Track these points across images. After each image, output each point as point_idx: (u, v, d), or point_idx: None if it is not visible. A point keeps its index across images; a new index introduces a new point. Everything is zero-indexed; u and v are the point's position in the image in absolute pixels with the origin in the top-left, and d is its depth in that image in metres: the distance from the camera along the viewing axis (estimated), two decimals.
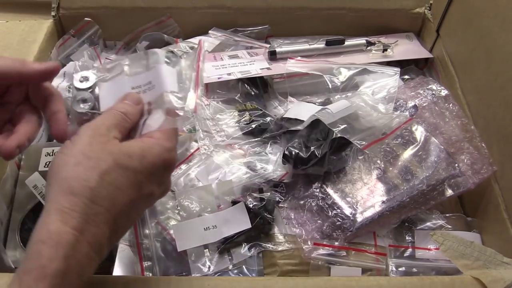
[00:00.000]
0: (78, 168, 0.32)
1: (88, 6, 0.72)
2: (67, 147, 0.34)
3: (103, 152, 0.33)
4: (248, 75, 0.65)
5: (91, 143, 0.33)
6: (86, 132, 0.34)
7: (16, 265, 0.50)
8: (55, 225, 0.30)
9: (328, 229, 0.52)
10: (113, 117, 0.36)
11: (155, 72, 0.40)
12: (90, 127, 0.35)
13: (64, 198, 0.31)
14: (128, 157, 0.33)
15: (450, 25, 0.67)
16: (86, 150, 0.33)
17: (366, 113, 0.57)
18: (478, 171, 0.53)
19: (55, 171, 0.33)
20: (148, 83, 0.40)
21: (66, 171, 0.32)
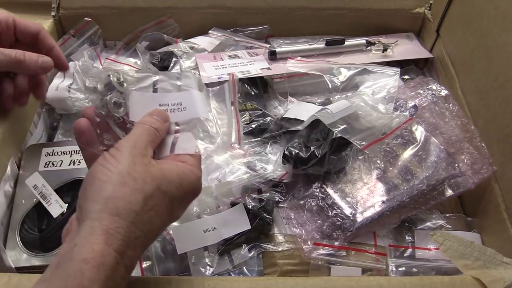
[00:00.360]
0: (124, 189, 0.32)
1: (88, 6, 0.72)
2: (109, 162, 0.33)
3: (148, 175, 0.33)
4: (248, 75, 0.65)
5: (135, 163, 0.33)
6: (127, 148, 0.34)
7: (16, 265, 0.50)
8: (100, 246, 0.29)
9: (328, 229, 0.52)
10: (148, 133, 0.36)
11: (187, 96, 0.40)
12: (130, 143, 0.35)
13: (109, 218, 0.30)
14: (168, 183, 0.34)
15: (450, 25, 0.67)
16: (131, 170, 0.33)
17: (366, 113, 0.57)
18: (478, 171, 0.53)
19: (97, 187, 0.32)
20: (178, 104, 0.40)
21: (112, 190, 0.32)
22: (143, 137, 0.36)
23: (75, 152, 0.58)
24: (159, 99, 0.40)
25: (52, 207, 0.53)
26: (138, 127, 0.37)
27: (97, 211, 0.31)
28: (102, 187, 0.32)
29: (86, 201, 0.32)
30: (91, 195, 0.32)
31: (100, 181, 0.32)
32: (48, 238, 0.52)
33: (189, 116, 0.39)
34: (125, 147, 0.34)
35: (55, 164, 0.57)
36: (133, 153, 0.34)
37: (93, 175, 0.33)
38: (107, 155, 0.34)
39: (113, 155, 0.34)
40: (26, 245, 0.52)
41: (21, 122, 0.60)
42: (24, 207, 0.54)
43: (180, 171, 0.35)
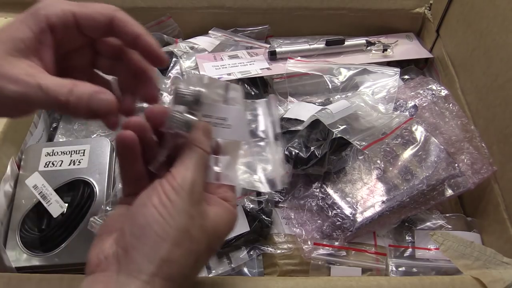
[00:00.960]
0: (180, 251, 0.29)
1: None
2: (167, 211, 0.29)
3: (203, 235, 0.30)
4: (248, 75, 0.65)
5: (193, 217, 0.30)
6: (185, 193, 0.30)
7: (16, 265, 0.50)
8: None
9: (328, 229, 0.52)
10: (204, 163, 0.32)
11: (235, 112, 0.35)
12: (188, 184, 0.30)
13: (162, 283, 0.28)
14: (217, 239, 0.32)
15: (450, 25, 0.67)
16: (189, 226, 0.29)
17: (366, 113, 0.57)
18: (478, 171, 0.53)
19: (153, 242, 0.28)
20: (222, 119, 0.35)
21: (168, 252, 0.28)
22: (201, 173, 0.32)
23: (75, 152, 0.58)
24: (204, 109, 0.35)
25: (52, 207, 0.53)
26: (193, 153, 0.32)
27: (150, 274, 0.28)
28: (158, 245, 0.28)
29: (138, 252, 0.28)
30: (144, 249, 0.28)
31: (156, 235, 0.28)
32: (48, 238, 0.52)
33: (232, 137, 0.35)
34: (183, 190, 0.30)
35: (55, 164, 0.57)
36: (192, 200, 0.30)
37: (147, 221, 0.29)
38: (164, 197, 0.29)
39: (171, 199, 0.29)
40: (26, 245, 0.52)
41: (21, 122, 0.60)
42: (24, 207, 0.54)
43: (226, 220, 0.32)
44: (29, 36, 0.31)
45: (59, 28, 0.33)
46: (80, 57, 0.36)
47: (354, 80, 0.66)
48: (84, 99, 0.31)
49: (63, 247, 0.51)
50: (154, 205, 0.29)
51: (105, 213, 0.52)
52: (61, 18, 0.32)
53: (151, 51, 0.35)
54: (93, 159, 0.57)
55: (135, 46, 0.35)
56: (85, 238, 0.51)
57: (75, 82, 0.31)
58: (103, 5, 0.33)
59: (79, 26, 0.33)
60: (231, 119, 0.35)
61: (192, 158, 0.32)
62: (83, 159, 0.57)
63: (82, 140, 0.63)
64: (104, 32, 0.34)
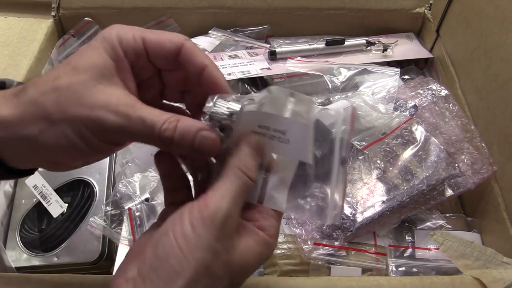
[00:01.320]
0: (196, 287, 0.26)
1: (88, 6, 0.72)
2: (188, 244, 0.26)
3: (226, 270, 0.27)
4: (248, 75, 0.65)
5: (217, 254, 0.27)
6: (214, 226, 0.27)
7: (16, 265, 0.50)
8: None
9: (328, 229, 0.52)
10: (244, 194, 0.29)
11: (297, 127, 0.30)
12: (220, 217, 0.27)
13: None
14: (243, 274, 0.29)
15: (450, 25, 0.67)
16: (211, 263, 0.27)
17: (366, 113, 0.57)
18: (478, 171, 0.53)
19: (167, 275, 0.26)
20: (281, 132, 0.30)
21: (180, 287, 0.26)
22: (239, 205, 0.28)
23: None
24: (260, 119, 0.30)
25: (52, 207, 0.53)
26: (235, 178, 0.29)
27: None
28: (173, 280, 0.26)
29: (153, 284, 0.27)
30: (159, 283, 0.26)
31: (172, 270, 0.26)
32: (48, 238, 0.52)
33: (290, 154, 0.31)
34: (212, 223, 0.27)
35: None
36: (220, 235, 0.27)
37: (166, 252, 0.27)
38: (187, 225, 0.27)
39: (196, 231, 0.27)
40: (26, 245, 0.52)
41: None
42: (24, 207, 0.54)
43: (257, 253, 0.29)
44: (111, 63, 0.29)
45: (131, 55, 0.30)
46: (150, 88, 0.34)
47: (354, 80, 0.66)
48: (189, 137, 0.28)
49: (63, 247, 0.51)
50: (175, 236, 0.27)
51: (105, 213, 0.52)
52: (132, 44, 0.30)
53: (217, 84, 0.31)
54: None
55: (200, 76, 0.32)
56: (85, 238, 0.51)
57: (178, 117, 0.28)
58: (172, 33, 0.31)
59: (148, 54, 0.31)
60: (290, 134, 0.30)
61: (233, 185, 0.28)
62: None
63: None
64: (171, 61, 0.32)
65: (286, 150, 0.30)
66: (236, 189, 0.28)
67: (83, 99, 0.28)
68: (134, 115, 0.28)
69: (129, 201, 0.54)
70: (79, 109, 0.28)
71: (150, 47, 0.31)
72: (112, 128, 0.28)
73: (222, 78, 0.32)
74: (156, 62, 0.32)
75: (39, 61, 0.65)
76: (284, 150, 0.30)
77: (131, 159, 0.58)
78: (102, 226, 0.51)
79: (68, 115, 0.28)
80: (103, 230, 0.51)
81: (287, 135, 0.30)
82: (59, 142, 0.28)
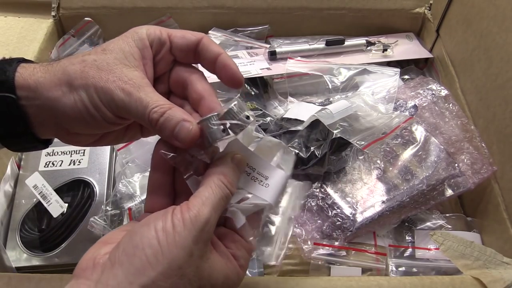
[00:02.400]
0: (164, 283, 0.27)
1: (88, 6, 0.72)
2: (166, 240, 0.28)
3: (196, 277, 0.28)
4: (248, 75, 0.65)
5: (191, 255, 0.28)
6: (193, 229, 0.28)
7: (16, 265, 0.50)
8: None
9: (328, 229, 0.52)
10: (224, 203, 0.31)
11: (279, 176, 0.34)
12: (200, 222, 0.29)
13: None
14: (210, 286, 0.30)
15: (450, 25, 0.67)
16: (184, 264, 0.28)
17: (366, 113, 0.57)
18: (478, 171, 0.53)
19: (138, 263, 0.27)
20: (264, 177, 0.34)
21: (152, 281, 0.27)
22: (217, 214, 0.30)
23: (75, 152, 0.58)
24: (249, 158, 0.34)
25: (52, 207, 0.54)
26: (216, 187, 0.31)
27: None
28: (145, 270, 0.27)
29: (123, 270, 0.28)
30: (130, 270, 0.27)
31: (146, 260, 0.27)
32: (48, 238, 0.52)
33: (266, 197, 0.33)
34: (192, 225, 0.28)
35: (55, 164, 0.57)
36: (198, 238, 0.28)
37: (143, 242, 0.28)
38: (169, 222, 0.28)
39: (176, 230, 0.28)
40: (26, 245, 0.52)
41: None
42: (24, 207, 0.54)
43: (227, 274, 0.31)
44: (136, 50, 0.34)
45: (156, 46, 0.35)
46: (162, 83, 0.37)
47: (354, 80, 0.66)
48: (172, 123, 0.31)
49: (63, 247, 0.51)
50: (155, 229, 0.28)
51: (105, 213, 0.52)
52: (158, 35, 0.35)
53: (229, 69, 0.35)
54: (93, 159, 0.57)
55: (215, 63, 0.35)
56: (85, 238, 0.51)
57: (172, 105, 0.32)
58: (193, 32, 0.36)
59: (172, 45, 0.35)
60: (271, 180, 0.34)
61: (215, 195, 0.30)
62: (83, 159, 0.57)
63: None
64: (191, 52, 0.36)
65: (264, 193, 0.33)
66: (217, 199, 0.30)
67: (102, 72, 0.32)
68: (136, 95, 0.32)
69: (129, 201, 0.54)
70: (96, 79, 0.32)
71: (175, 39, 0.35)
72: (117, 101, 0.32)
73: (233, 63, 0.35)
74: (177, 53, 0.36)
75: (39, 61, 0.64)
76: (262, 193, 0.33)
77: (131, 159, 0.58)
78: (102, 226, 0.51)
79: (86, 82, 0.32)
80: (103, 230, 0.51)
81: (268, 180, 0.34)
82: (75, 106, 0.32)
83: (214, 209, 0.30)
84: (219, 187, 0.31)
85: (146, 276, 0.27)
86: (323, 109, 0.56)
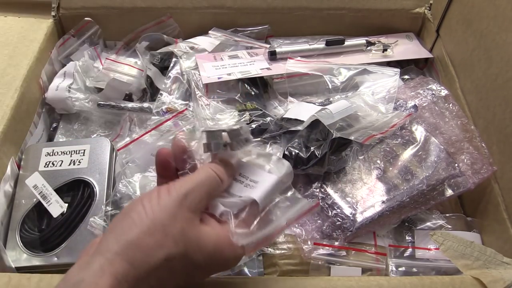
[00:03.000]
0: (149, 240, 0.30)
1: (88, 6, 0.72)
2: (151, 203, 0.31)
3: (181, 237, 0.31)
4: (248, 75, 0.65)
5: (175, 217, 0.31)
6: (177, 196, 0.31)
7: (16, 265, 0.50)
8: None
9: (328, 229, 0.52)
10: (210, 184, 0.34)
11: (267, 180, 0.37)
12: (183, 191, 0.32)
13: (122, 264, 0.29)
14: (198, 251, 0.32)
15: (450, 25, 0.67)
16: (167, 223, 0.30)
17: (366, 114, 0.57)
18: (478, 171, 0.53)
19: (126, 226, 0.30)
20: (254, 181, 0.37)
21: (137, 237, 0.30)
22: (203, 188, 0.33)
23: (75, 152, 0.58)
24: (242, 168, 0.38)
25: (52, 207, 0.53)
26: (203, 171, 0.34)
27: (113, 252, 0.29)
28: (130, 228, 0.30)
29: (111, 233, 0.31)
30: (116, 231, 0.31)
31: (131, 219, 0.31)
32: (48, 238, 0.52)
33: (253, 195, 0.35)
34: (176, 192, 0.32)
35: (55, 164, 0.57)
36: (181, 204, 0.31)
37: (130, 208, 0.31)
38: (155, 192, 0.32)
39: (160, 196, 0.32)
40: (26, 245, 0.52)
41: (21, 122, 0.60)
42: (24, 207, 0.54)
43: (219, 245, 0.32)
44: None
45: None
46: None
47: (354, 80, 0.66)
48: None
49: (63, 247, 0.51)
50: (142, 199, 0.32)
51: (105, 213, 0.52)
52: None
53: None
54: (93, 159, 0.57)
55: None
56: (85, 238, 0.51)
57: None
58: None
59: None
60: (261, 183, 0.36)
61: (200, 175, 0.34)
62: (83, 159, 0.57)
63: (82, 140, 0.63)
64: None
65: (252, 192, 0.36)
66: (202, 179, 0.33)
67: None
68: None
69: (129, 201, 0.54)
70: None
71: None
72: None
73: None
74: None
75: (39, 61, 0.65)
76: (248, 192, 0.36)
77: (131, 159, 0.58)
78: (102, 226, 0.51)
79: None
80: (103, 230, 0.51)
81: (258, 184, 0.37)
82: None
83: (199, 185, 0.33)
84: (205, 170, 0.34)
85: (131, 233, 0.30)
86: (323, 109, 0.56)
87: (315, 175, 0.55)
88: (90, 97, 0.66)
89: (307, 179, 0.55)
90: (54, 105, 0.67)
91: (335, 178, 0.54)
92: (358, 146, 0.55)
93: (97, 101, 0.66)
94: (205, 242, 0.32)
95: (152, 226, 0.30)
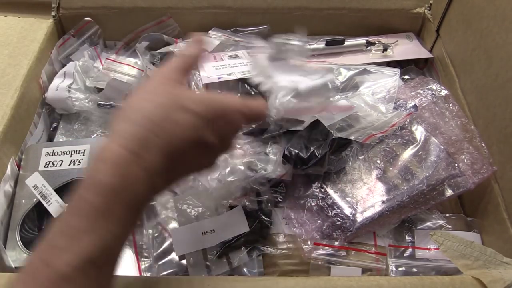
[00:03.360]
0: (142, 102, 0.35)
1: (88, 6, 0.72)
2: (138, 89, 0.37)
3: (167, 91, 0.36)
4: (248, 75, 0.65)
5: (163, 83, 0.36)
6: (157, 74, 0.38)
7: (16, 265, 0.50)
8: (115, 148, 0.32)
9: (328, 229, 0.52)
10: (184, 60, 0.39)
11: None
12: (162, 70, 0.38)
13: (126, 126, 0.33)
14: (189, 99, 0.35)
15: (450, 25, 0.67)
16: (151, 88, 0.36)
17: (366, 114, 0.57)
18: (478, 171, 0.53)
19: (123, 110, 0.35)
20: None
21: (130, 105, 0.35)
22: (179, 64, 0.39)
23: (75, 152, 0.58)
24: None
25: (52, 207, 0.53)
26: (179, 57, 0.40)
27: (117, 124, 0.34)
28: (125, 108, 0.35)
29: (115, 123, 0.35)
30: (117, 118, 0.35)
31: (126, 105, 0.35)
32: None
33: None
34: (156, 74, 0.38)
35: (55, 164, 0.57)
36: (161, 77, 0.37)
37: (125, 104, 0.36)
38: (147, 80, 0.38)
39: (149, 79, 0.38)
40: (26, 245, 0.52)
41: (21, 122, 0.60)
42: (24, 207, 0.54)
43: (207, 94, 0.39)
44: None
45: None
46: None
47: (354, 80, 0.66)
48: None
49: None
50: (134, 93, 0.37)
51: None
52: None
53: None
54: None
55: None
56: None
57: None
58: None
59: None
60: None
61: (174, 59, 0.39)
62: (83, 159, 0.57)
63: (82, 140, 0.63)
64: None
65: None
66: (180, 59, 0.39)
67: None
68: None
69: None
70: None
71: None
72: None
73: None
74: None
75: (39, 61, 0.65)
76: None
77: None
78: None
79: None
80: None
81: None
82: None
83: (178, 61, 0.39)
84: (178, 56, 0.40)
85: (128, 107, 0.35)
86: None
87: (315, 175, 0.55)
88: (90, 97, 0.66)
89: (307, 179, 0.55)
90: (54, 105, 0.67)
91: (335, 178, 0.54)
92: (358, 146, 0.55)
93: (97, 101, 0.66)
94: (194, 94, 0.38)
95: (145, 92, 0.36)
